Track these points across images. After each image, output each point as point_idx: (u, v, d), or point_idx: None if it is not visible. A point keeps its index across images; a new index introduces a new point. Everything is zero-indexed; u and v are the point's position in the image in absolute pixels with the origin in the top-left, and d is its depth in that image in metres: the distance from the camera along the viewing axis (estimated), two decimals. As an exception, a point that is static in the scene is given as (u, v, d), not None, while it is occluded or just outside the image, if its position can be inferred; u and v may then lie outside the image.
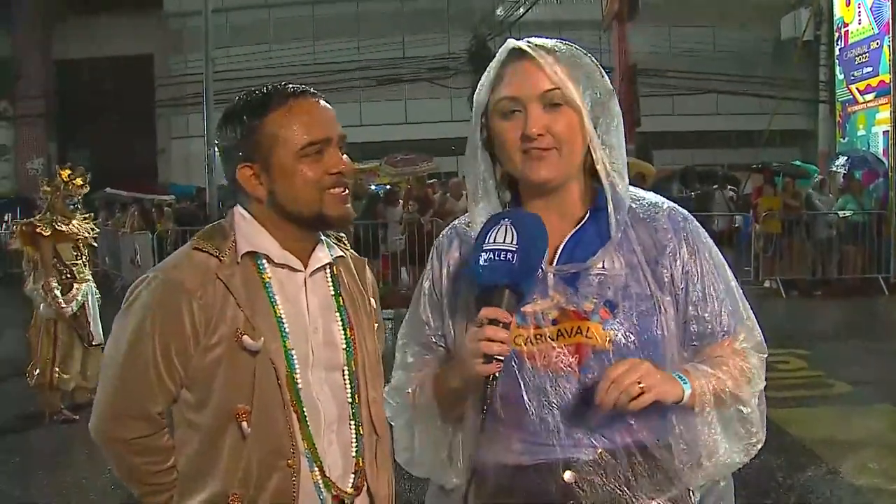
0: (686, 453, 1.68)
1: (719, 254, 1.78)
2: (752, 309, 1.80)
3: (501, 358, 1.54)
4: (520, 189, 1.77)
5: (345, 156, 1.82)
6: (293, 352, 1.79)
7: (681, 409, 1.65)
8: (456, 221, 1.89)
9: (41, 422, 6.70)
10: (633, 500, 1.65)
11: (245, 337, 1.74)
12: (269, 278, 1.81)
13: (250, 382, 1.74)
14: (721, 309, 1.71)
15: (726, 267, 1.78)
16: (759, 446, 1.74)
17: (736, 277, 1.82)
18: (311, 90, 1.82)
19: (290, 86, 1.81)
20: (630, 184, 1.75)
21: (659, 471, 1.67)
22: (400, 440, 1.90)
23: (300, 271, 1.84)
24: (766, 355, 1.77)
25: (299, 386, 1.78)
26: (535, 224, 1.60)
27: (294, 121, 1.75)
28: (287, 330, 1.79)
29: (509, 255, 1.54)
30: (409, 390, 1.84)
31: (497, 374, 1.55)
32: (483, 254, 1.57)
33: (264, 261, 1.81)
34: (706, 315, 1.70)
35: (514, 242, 1.55)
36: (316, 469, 1.80)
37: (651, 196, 1.80)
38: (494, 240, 1.57)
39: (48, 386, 6.67)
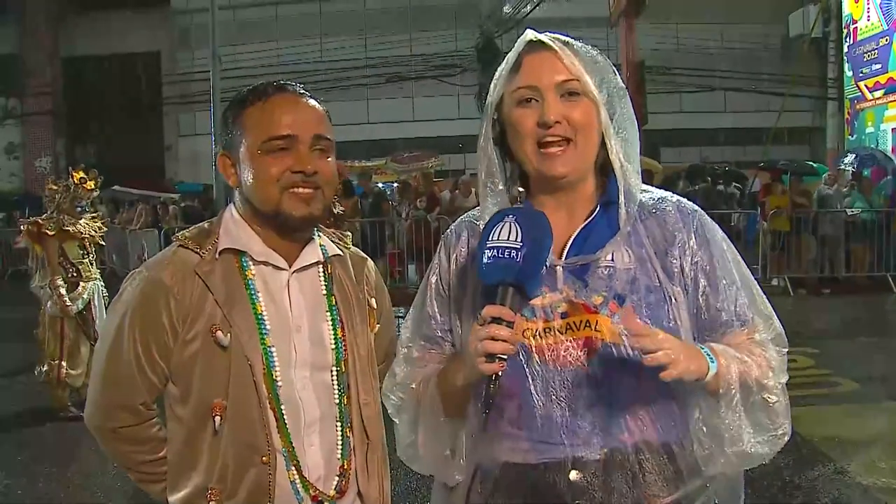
0: (708, 438, 1.66)
1: (732, 246, 1.76)
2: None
3: (505, 357, 1.52)
4: (531, 184, 1.75)
5: (330, 159, 1.81)
6: (273, 349, 1.78)
7: (703, 391, 1.62)
8: (465, 215, 1.88)
9: (49, 418, 6.72)
10: (640, 498, 1.63)
11: (218, 332, 1.75)
12: (253, 276, 1.81)
13: (226, 378, 1.76)
14: (735, 299, 1.69)
15: (739, 259, 1.76)
16: (786, 439, 1.70)
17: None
18: (299, 88, 1.82)
19: (278, 82, 1.83)
20: None
21: (668, 469, 1.65)
22: (403, 436, 1.87)
23: (284, 269, 1.84)
24: (786, 349, 1.74)
25: (279, 384, 1.78)
26: (539, 221, 1.58)
27: (265, 115, 1.76)
28: (268, 327, 1.79)
29: (513, 253, 1.53)
30: (414, 385, 1.82)
31: (500, 374, 1.53)
32: (487, 251, 1.56)
33: (248, 258, 1.82)
34: (717, 304, 1.68)
35: (519, 240, 1.54)
36: (293, 468, 1.79)
37: (659, 191, 1.79)
38: (498, 237, 1.55)
39: (56, 383, 6.70)
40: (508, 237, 1.54)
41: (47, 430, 6.57)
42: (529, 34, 1.71)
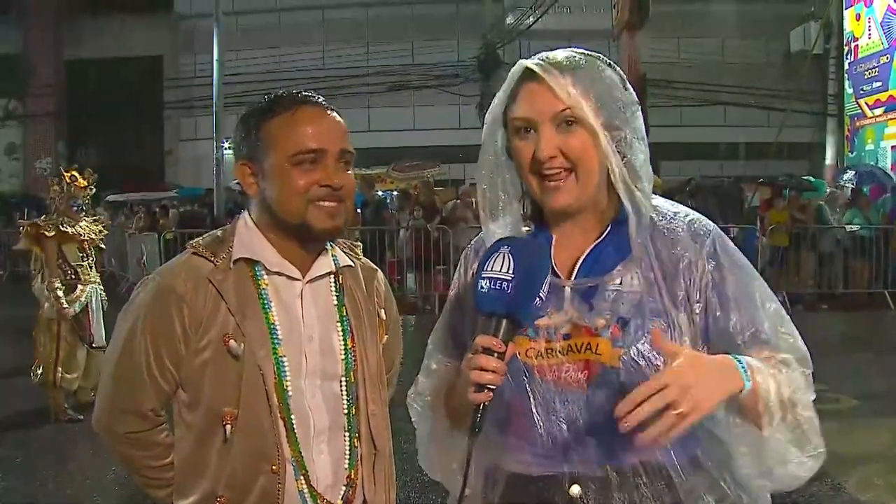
0: (751, 458, 1.62)
1: (748, 265, 1.71)
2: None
3: (493, 387, 1.51)
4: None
5: (350, 171, 1.82)
6: (285, 359, 1.79)
7: (736, 408, 1.58)
8: (483, 231, 1.86)
9: (46, 419, 6.72)
10: None
11: (231, 341, 1.76)
12: (266, 285, 1.82)
13: (237, 387, 1.76)
14: (749, 320, 1.64)
15: (757, 278, 1.71)
16: (823, 458, 1.65)
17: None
18: (323, 100, 1.83)
19: (303, 93, 1.83)
20: None
21: (666, 494, 1.64)
22: (422, 445, 1.91)
23: (297, 279, 1.84)
24: (810, 370, 1.66)
25: (289, 393, 1.79)
26: (533, 253, 1.58)
27: (294, 127, 1.76)
28: (280, 337, 1.80)
29: (505, 285, 1.52)
30: (429, 397, 1.85)
31: (486, 403, 1.52)
32: (481, 280, 1.56)
33: (261, 268, 1.82)
34: (730, 328, 1.64)
35: (511, 272, 1.53)
36: (302, 477, 1.80)
37: (675, 207, 1.76)
38: (492, 268, 1.55)
39: (51, 385, 6.69)
40: (501, 268, 1.54)
41: (46, 431, 6.56)
42: (522, 63, 1.68)
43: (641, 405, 1.40)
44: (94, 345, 6.84)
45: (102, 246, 7.29)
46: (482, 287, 1.55)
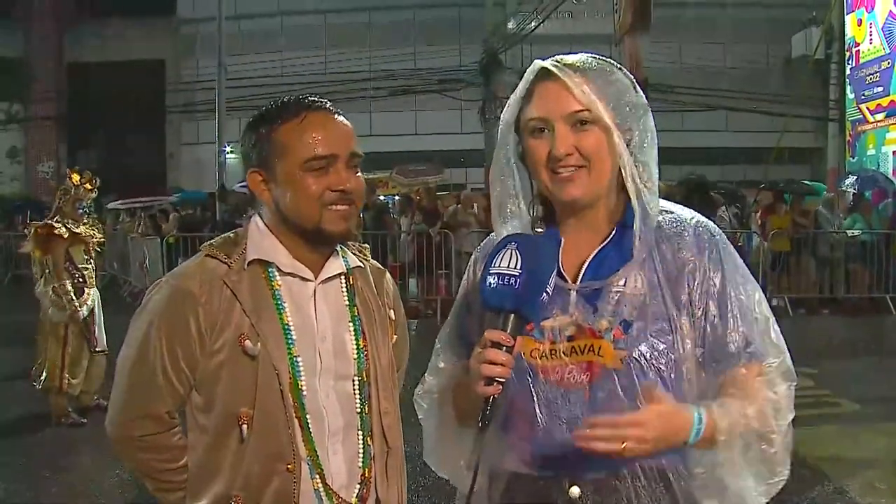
0: (710, 488, 1.65)
1: (748, 273, 1.74)
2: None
3: (502, 380, 1.54)
4: (553, 204, 1.77)
5: (358, 173, 1.84)
6: (299, 359, 1.81)
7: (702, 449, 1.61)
8: (493, 234, 1.88)
9: (48, 424, 6.71)
10: None
11: (247, 342, 1.77)
12: (279, 286, 1.83)
13: (252, 387, 1.77)
14: (743, 330, 1.66)
15: (755, 287, 1.73)
16: (782, 485, 1.67)
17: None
18: (329, 105, 1.84)
19: (309, 98, 1.84)
20: None
21: (664, 497, 1.65)
22: (428, 442, 1.93)
23: (310, 280, 1.86)
24: (795, 383, 1.69)
25: (304, 393, 1.80)
26: (540, 249, 1.60)
27: (303, 133, 1.77)
28: (294, 337, 1.81)
29: (512, 280, 1.55)
30: (437, 395, 1.88)
31: (496, 396, 1.54)
32: (489, 277, 1.58)
33: (274, 269, 1.84)
34: (726, 336, 1.66)
35: (518, 267, 1.56)
36: (317, 476, 1.81)
37: (680, 211, 1.78)
38: (499, 263, 1.58)
39: (57, 390, 6.68)
40: (509, 264, 1.57)
41: (48, 435, 6.56)
42: (538, 63, 1.70)
43: (605, 428, 1.49)
44: (97, 349, 6.84)
45: (98, 249, 7.28)
46: (490, 283, 1.57)
